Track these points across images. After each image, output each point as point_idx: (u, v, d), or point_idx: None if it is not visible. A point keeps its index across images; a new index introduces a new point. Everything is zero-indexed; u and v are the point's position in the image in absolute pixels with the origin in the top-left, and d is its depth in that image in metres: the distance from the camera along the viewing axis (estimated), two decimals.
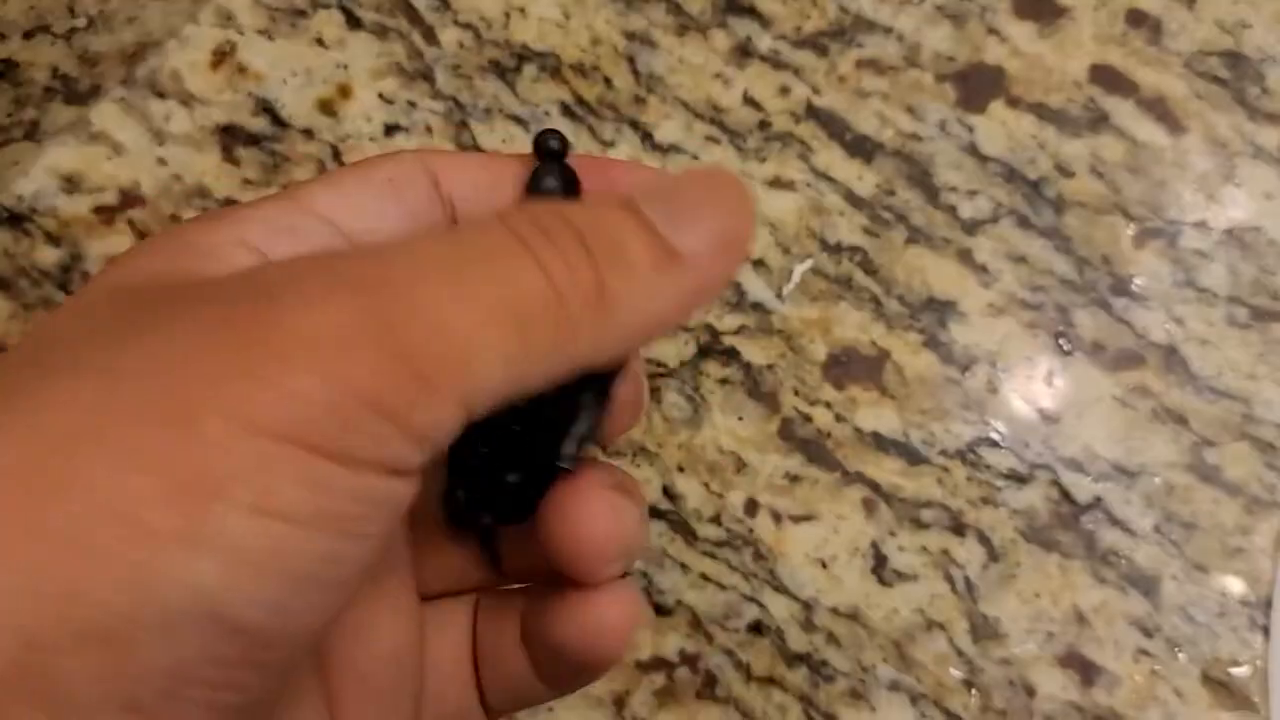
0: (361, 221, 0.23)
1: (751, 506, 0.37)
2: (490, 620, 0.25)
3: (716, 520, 0.36)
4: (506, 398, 0.18)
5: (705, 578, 0.36)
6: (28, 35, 0.37)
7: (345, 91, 0.40)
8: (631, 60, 0.41)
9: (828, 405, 0.37)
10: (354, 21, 0.41)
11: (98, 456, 0.15)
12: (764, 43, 0.41)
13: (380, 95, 0.40)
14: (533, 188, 0.24)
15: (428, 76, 0.40)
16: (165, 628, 0.15)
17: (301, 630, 0.17)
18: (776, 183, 0.39)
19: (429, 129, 0.40)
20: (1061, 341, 0.38)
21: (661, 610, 0.36)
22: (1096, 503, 0.36)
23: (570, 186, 0.24)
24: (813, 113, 0.40)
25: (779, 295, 0.38)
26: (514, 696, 0.25)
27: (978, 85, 0.40)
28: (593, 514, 0.22)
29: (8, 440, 0.16)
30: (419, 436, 0.17)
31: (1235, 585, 0.36)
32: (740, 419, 0.37)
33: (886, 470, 0.37)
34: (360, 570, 0.17)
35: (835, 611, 0.36)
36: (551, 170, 0.24)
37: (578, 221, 0.18)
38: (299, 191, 0.23)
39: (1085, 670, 0.35)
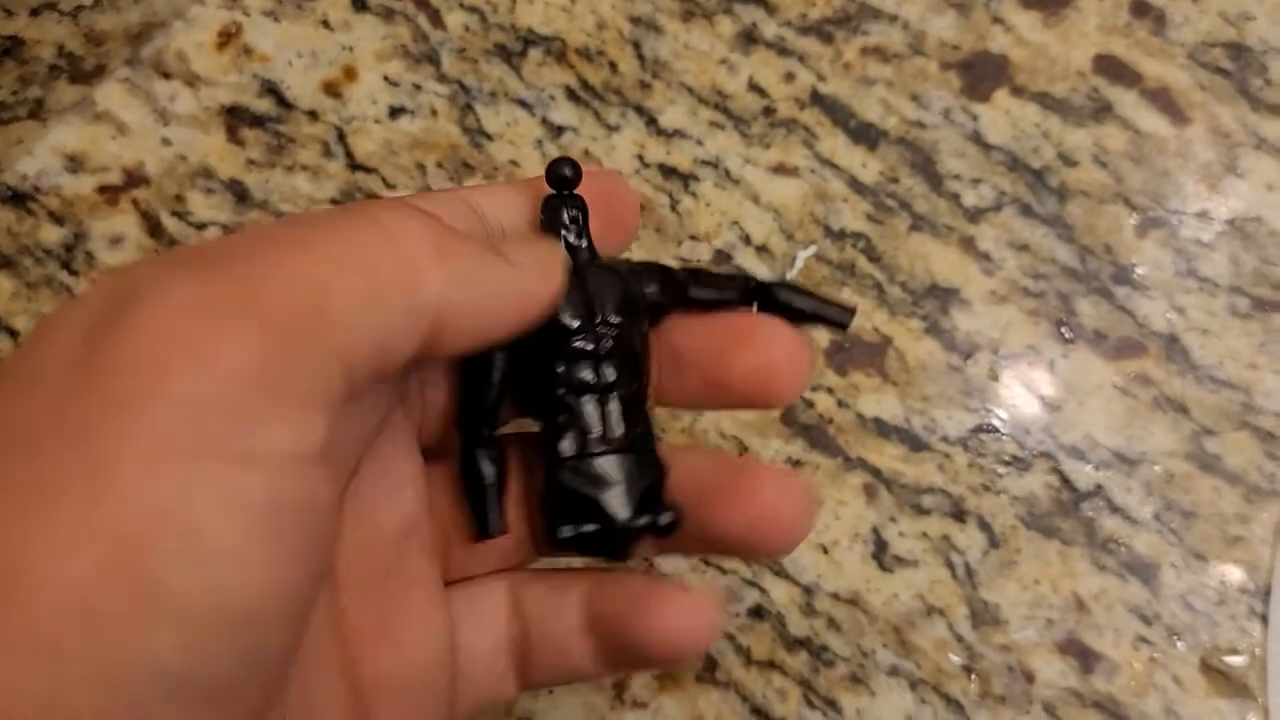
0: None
1: None
2: (541, 602, 0.25)
3: None
4: (379, 355, 0.18)
5: (706, 562, 0.36)
6: (34, 13, 0.37)
7: (350, 74, 0.40)
8: (637, 45, 0.41)
9: (830, 391, 0.37)
10: (360, 4, 0.41)
11: (35, 540, 0.15)
12: (769, 29, 0.41)
13: (385, 78, 0.40)
14: (546, 220, 0.25)
15: (433, 59, 0.40)
16: (138, 713, 0.15)
17: (271, 665, 0.17)
18: (780, 169, 0.40)
19: (434, 112, 0.40)
20: (1063, 330, 0.38)
21: None
22: (1097, 490, 0.37)
23: (583, 216, 0.25)
24: (817, 99, 0.40)
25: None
26: (565, 674, 0.25)
27: (982, 74, 0.40)
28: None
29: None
30: (310, 402, 0.16)
31: (1234, 574, 0.36)
32: None
33: (888, 456, 0.37)
34: (315, 586, 0.17)
35: (836, 596, 0.36)
36: (565, 201, 0.25)
37: (424, 205, 0.20)
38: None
39: (1084, 657, 0.35)
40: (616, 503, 0.23)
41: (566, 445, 0.23)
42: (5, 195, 0.39)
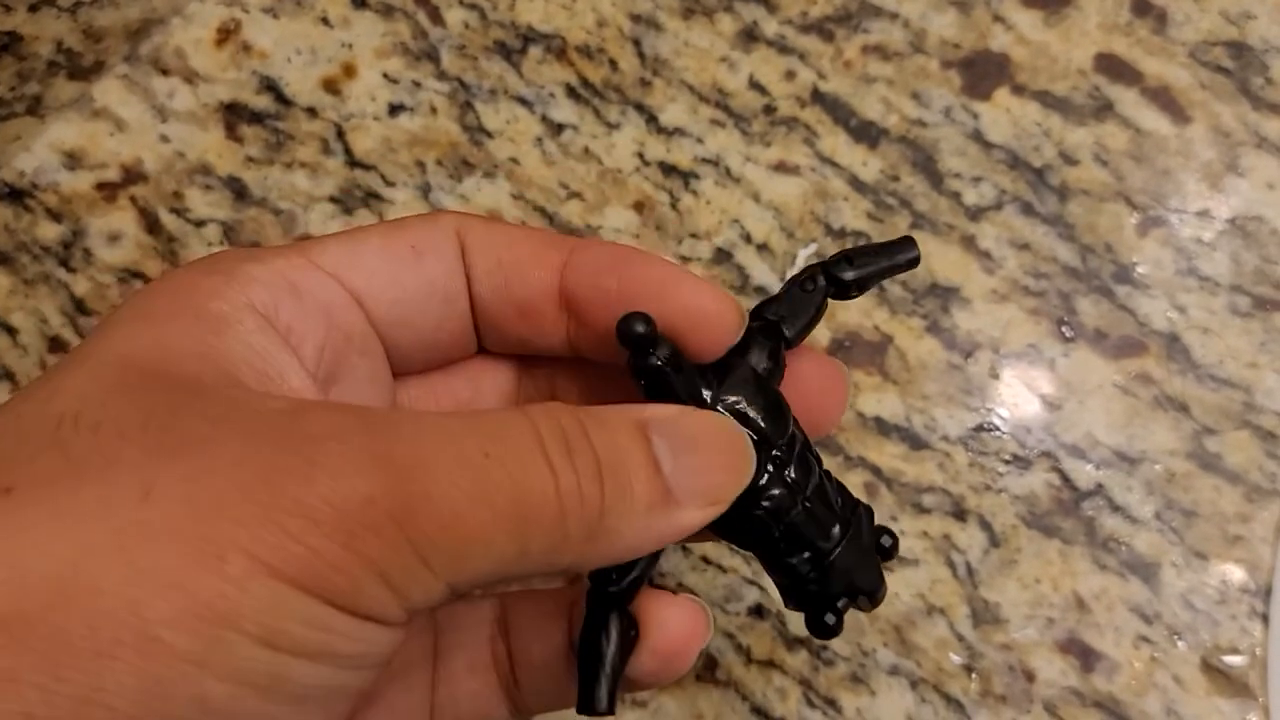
0: (373, 285, 0.23)
1: None
2: (528, 623, 0.25)
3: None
4: (480, 587, 0.20)
5: (706, 560, 0.36)
6: (33, 9, 0.37)
7: (350, 70, 0.40)
8: (637, 43, 0.41)
9: None
10: (359, 0, 0.41)
11: (125, 573, 0.17)
12: (770, 27, 0.41)
13: (385, 75, 0.40)
14: (647, 388, 0.23)
15: (433, 57, 0.40)
16: None
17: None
18: (781, 167, 0.39)
19: (433, 109, 0.40)
20: (1064, 328, 0.38)
21: None
22: (1097, 489, 0.36)
23: (669, 350, 0.23)
24: (818, 98, 0.40)
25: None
26: (555, 697, 0.25)
27: (983, 72, 0.40)
28: None
29: (45, 542, 0.17)
30: (411, 605, 0.19)
31: (1235, 573, 0.36)
32: None
33: (888, 455, 0.37)
34: (359, 690, 0.19)
35: None
36: (645, 356, 0.23)
37: (597, 444, 0.20)
38: (313, 247, 0.23)
39: (1085, 656, 0.35)
40: (871, 578, 0.24)
41: (799, 563, 0.24)
42: (3, 192, 0.38)
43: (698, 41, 0.41)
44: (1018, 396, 0.37)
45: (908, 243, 0.25)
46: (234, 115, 0.40)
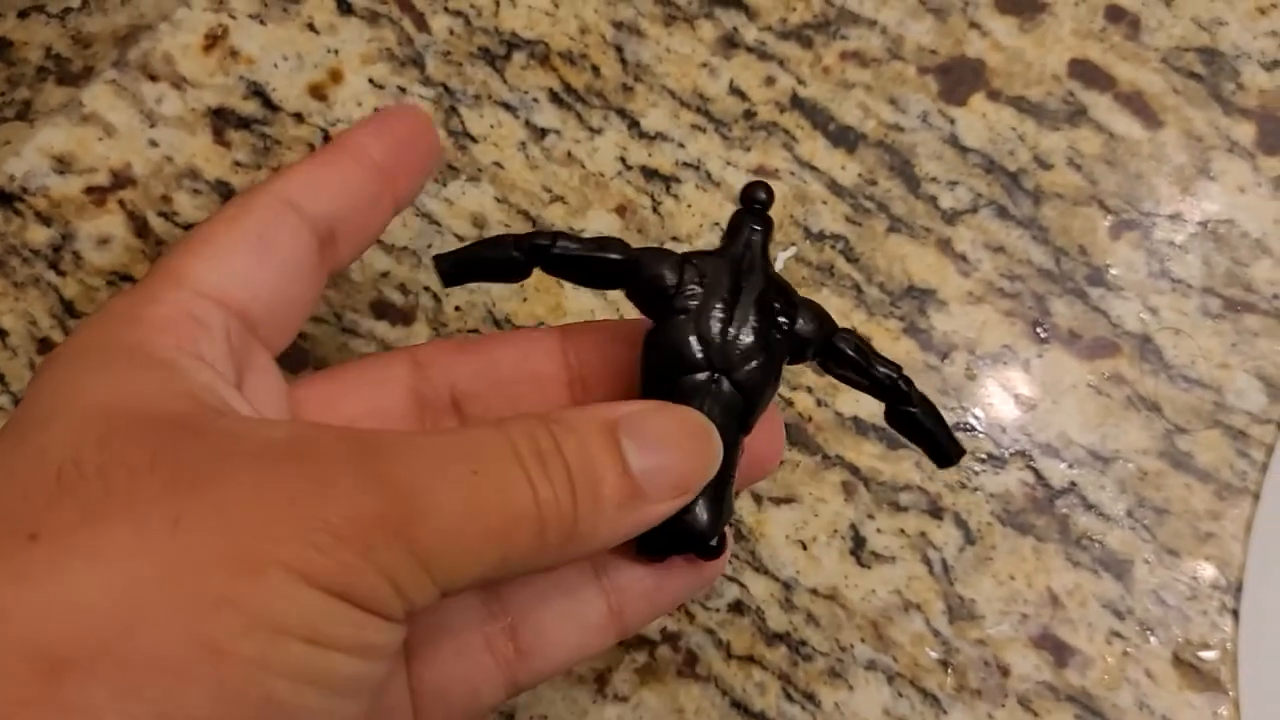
0: (246, 291, 0.25)
1: None
2: (546, 586, 0.27)
3: None
4: (466, 590, 0.22)
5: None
6: (22, 15, 0.37)
7: (336, 76, 0.41)
8: (619, 49, 0.41)
9: (809, 390, 0.38)
10: (345, 7, 0.41)
11: (176, 598, 0.18)
12: (750, 34, 0.41)
13: (371, 80, 0.41)
14: (729, 233, 0.27)
15: (418, 63, 0.41)
16: None
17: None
18: (761, 171, 0.40)
19: None
20: (1038, 330, 0.39)
21: None
22: (1071, 488, 0.37)
23: (765, 236, 0.27)
24: (797, 103, 0.41)
25: None
26: (586, 646, 0.27)
27: (959, 78, 0.41)
28: None
29: (91, 583, 0.18)
30: (412, 606, 0.21)
31: (1206, 570, 0.36)
32: None
33: (866, 454, 0.37)
34: (382, 679, 0.22)
35: (814, 592, 0.36)
36: (752, 217, 0.27)
37: (568, 452, 0.22)
38: (184, 272, 0.24)
39: (1058, 651, 0.36)
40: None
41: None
42: None
43: (679, 48, 0.41)
44: (993, 397, 0.38)
45: (957, 454, 0.29)
46: (222, 120, 0.40)
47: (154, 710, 0.17)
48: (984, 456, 0.37)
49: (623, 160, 0.40)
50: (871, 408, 0.38)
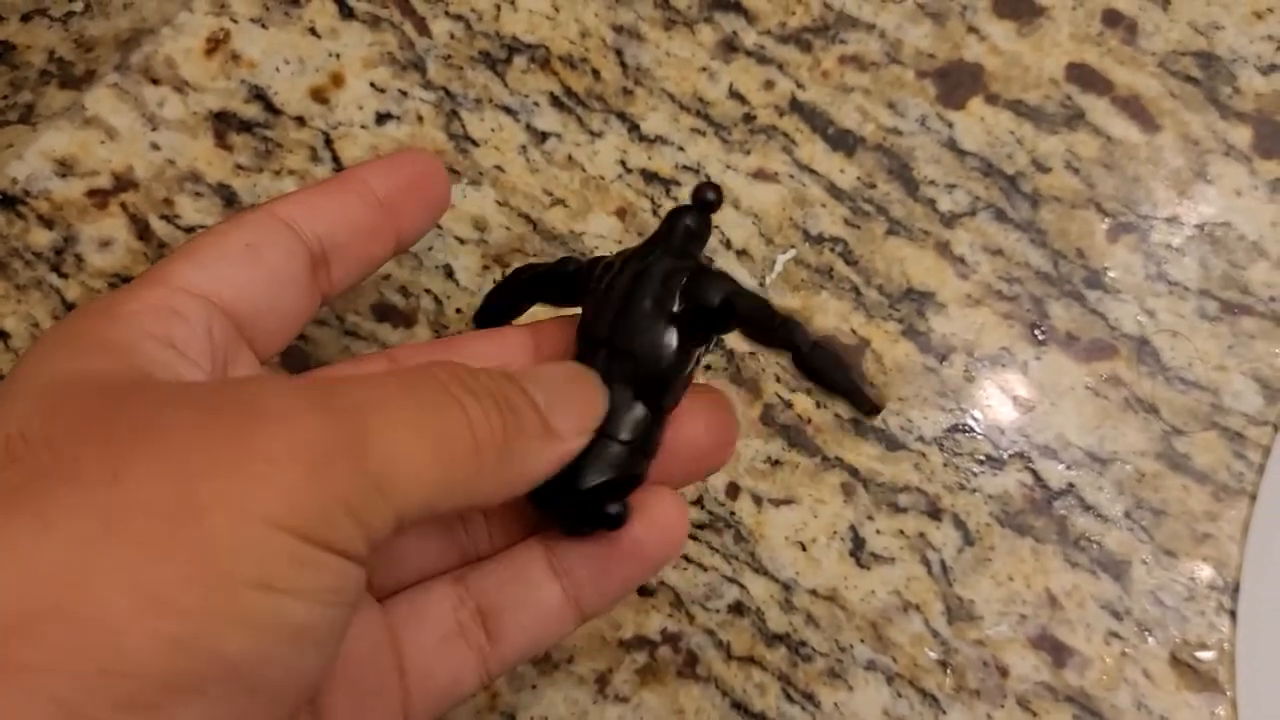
0: (231, 293, 0.25)
1: (733, 490, 0.37)
2: (495, 575, 0.27)
3: (699, 503, 0.37)
4: (417, 520, 0.21)
5: (687, 559, 0.37)
6: (25, 18, 0.37)
7: (337, 80, 0.41)
8: (619, 53, 0.42)
9: (808, 392, 0.38)
10: (346, 11, 0.42)
11: (121, 552, 0.18)
12: (749, 38, 0.42)
13: (372, 84, 0.41)
14: (664, 226, 0.28)
15: (419, 66, 0.41)
16: (196, 692, 0.18)
17: (305, 683, 0.20)
18: (760, 175, 0.40)
19: (420, 118, 0.41)
20: (1036, 332, 0.39)
21: (644, 590, 0.36)
22: (1069, 489, 0.37)
23: (697, 233, 0.28)
24: (796, 107, 0.41)
25: (762, 284, 0.39)
26: (541, 635, 0.27)
27: (957, 82, 0.41)
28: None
29: (34, 544, 0.18)
30: (371, 535, 0.20)
31: (1203, 570, 0.37)
32: None
33: (865, 456, 0.38)
34: (343, 629, 0.21)
35: (814, 593, 0.36)
36: (687, 212, 0.28)
37: (492, 388, 0.23)
38: (170, 273, 0.25)
39: (1057, 652, 0.36)
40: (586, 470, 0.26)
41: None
42: None
43: (679, 52, 0.41)
44: (991, 398, 0.38)
45: (875, 407, 0.32)
46: (223, 124, 0.40)
47: (97, 667, 0.17)
48: (982, 458, 0.38)
49: (623, 163, 0.40)
50: None
